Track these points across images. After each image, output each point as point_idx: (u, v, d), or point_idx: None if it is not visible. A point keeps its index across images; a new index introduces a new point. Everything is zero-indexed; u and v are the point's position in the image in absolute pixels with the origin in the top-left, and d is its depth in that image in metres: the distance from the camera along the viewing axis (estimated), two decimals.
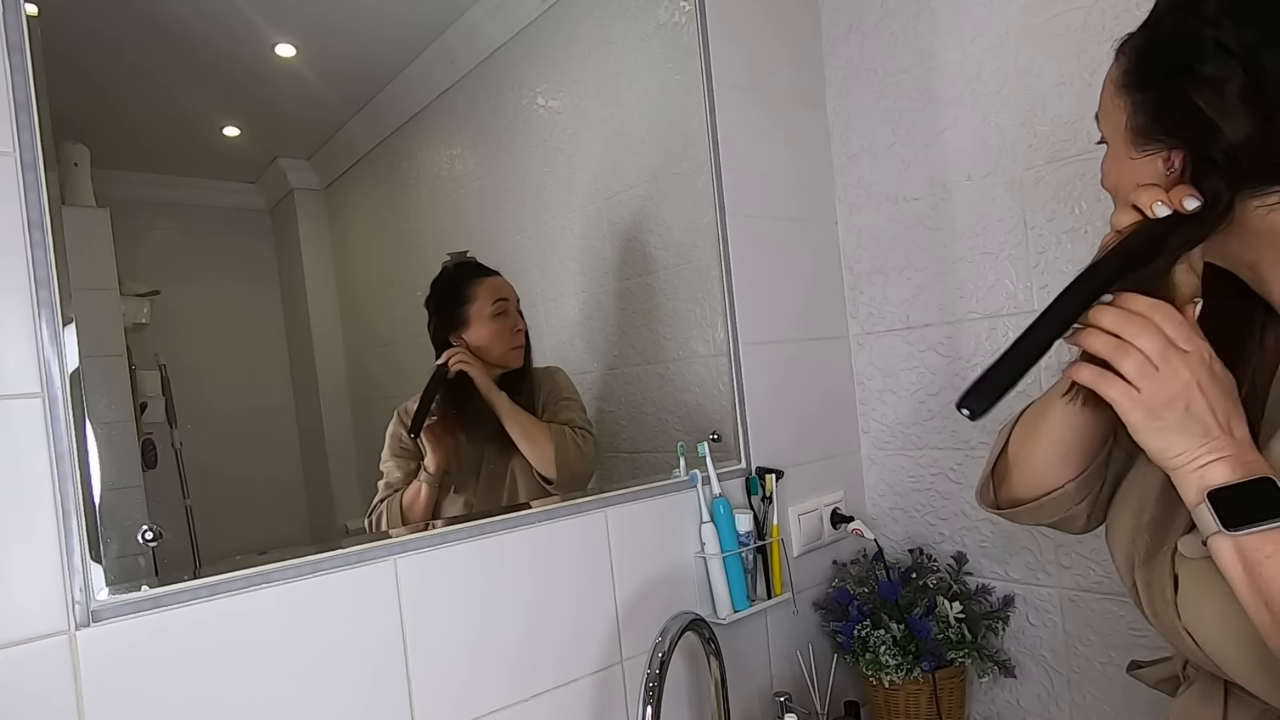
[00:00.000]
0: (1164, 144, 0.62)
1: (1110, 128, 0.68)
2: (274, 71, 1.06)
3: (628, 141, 1.33)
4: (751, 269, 1.29)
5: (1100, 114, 0.69)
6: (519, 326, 1.17)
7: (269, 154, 1.08)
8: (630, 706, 1.05)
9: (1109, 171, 0.69)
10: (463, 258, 1.17)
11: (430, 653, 0.89)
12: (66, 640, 0.67)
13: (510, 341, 1.16)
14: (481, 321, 1.14)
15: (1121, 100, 0.65)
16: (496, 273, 1.17)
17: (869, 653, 1.20)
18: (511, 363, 1.16)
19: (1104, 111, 0.69)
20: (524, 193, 1.29)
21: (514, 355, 1.17)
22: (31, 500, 0.66)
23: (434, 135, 1.23)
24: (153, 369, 0.92)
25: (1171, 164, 0.62)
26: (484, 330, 1.14)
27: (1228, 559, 0.54)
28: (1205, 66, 0.58)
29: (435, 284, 1.14)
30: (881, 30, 1.37)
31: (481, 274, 1.16)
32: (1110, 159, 0.69)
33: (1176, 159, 0.62)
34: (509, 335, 1.16)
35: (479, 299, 1.14)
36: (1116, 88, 0.66)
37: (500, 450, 1.13)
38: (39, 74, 0.69)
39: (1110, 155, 0.69)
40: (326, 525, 1.06)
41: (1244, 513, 0.54)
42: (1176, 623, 0.62)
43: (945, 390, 1.34)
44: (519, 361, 1.17)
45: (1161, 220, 0.60)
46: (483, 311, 1.14)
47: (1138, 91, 0.64)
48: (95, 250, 0.84)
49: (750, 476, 1.25)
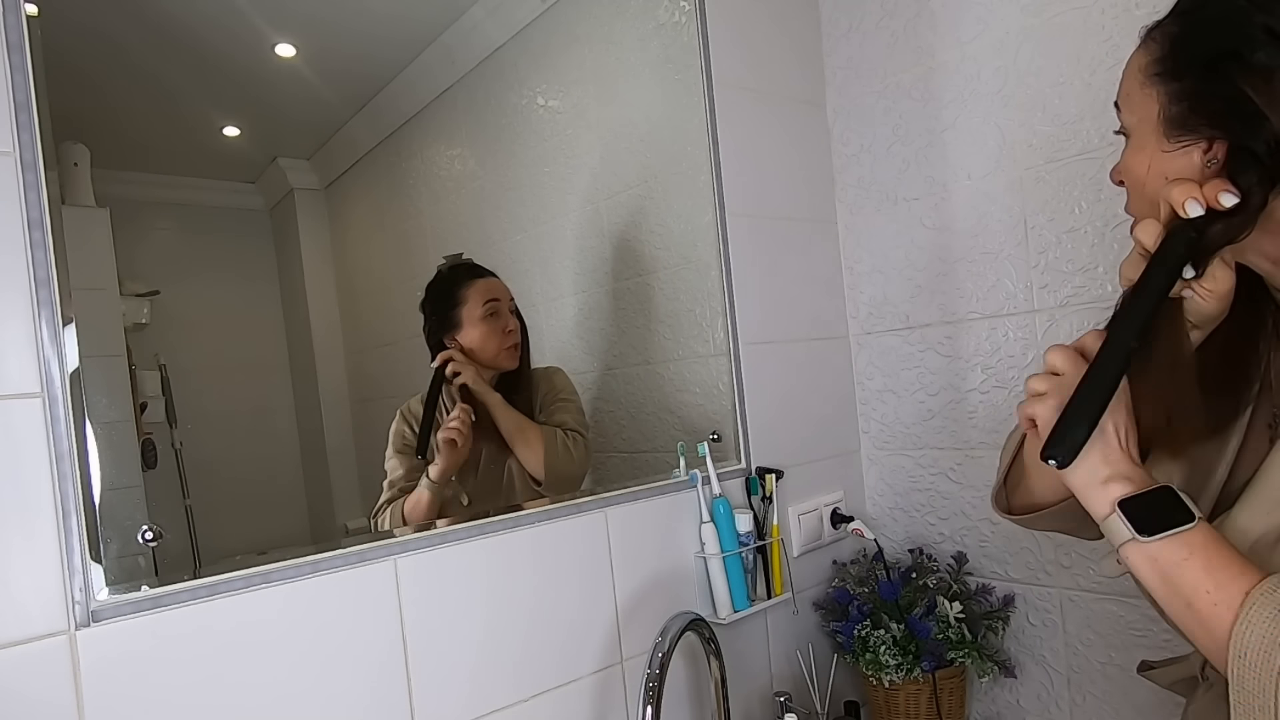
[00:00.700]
0: (1203, 134, 0.60)
1: (1137, 118, 0.65)
2: (274, 71, 1.06)
3: (627, 141, 1.33)
4: (751, 269, 1.29)
5: (1122, 103, 0.67)
6: (510, 327, 1.17)
7: (269, 154, 1.08)
8: (630, 706, 1.05)
9: (1132, 164, 0.66)
10: (458, 260, 1.17)
11: (430, 652, 0.89)
12: (66, 640, 0.67)
13: (503, 342, 1.16)
14: (473, 323, 1.14)
15: (1153, 89, 0.63)
16: (491, 273, 1.17)
17: (869, 653, 1.20)
18: (505, 364, 1.16)
19: (1128, 101, 0.66)
20: (524, 193, 1.29)
21: (507, 356, 1.16)
22: (31, 500, 0.66)
23: (434, 135, 1.23)
24: (153, 369, 0.92)
25: (1213, 155, 0.59)
26: (476, 332, 1.14)
27: (1144, 568, 0.55)
28: (1257, 54, 0.56)
29: (429, 287, 1.14)
30: (881, 30, 1.37)
31: (474, 275, 1.16)
32: (1134, 151, 0.66)
33: (1220, 149, 0.59)
34: (501, 336, 1.16)
35: (470, 300, 1.14)
36: (1146, 75, 0.63)
37: (498, 449, 1.13)
38: (39, 74, 0.69)
39: (1133, 147, 0.66)
40: (326, 525, 1.06)
41: (1155, 520, 0.55)
42: None
43: (945, 390, 1.34)
44: (513, 362, 1.17)
45: (1192, 221, 0.57)
46: (474, 313, 1.14)
47: (1174, 79, 0.61)
48: (95, 250, 0.84)
49: (750, 476, 1.25)
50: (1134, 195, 0.67)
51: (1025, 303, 1.22)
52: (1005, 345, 1.26)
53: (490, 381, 1.15)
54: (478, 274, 1.16)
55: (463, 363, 1.12)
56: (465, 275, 1.16)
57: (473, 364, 1.12)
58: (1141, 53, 0.65)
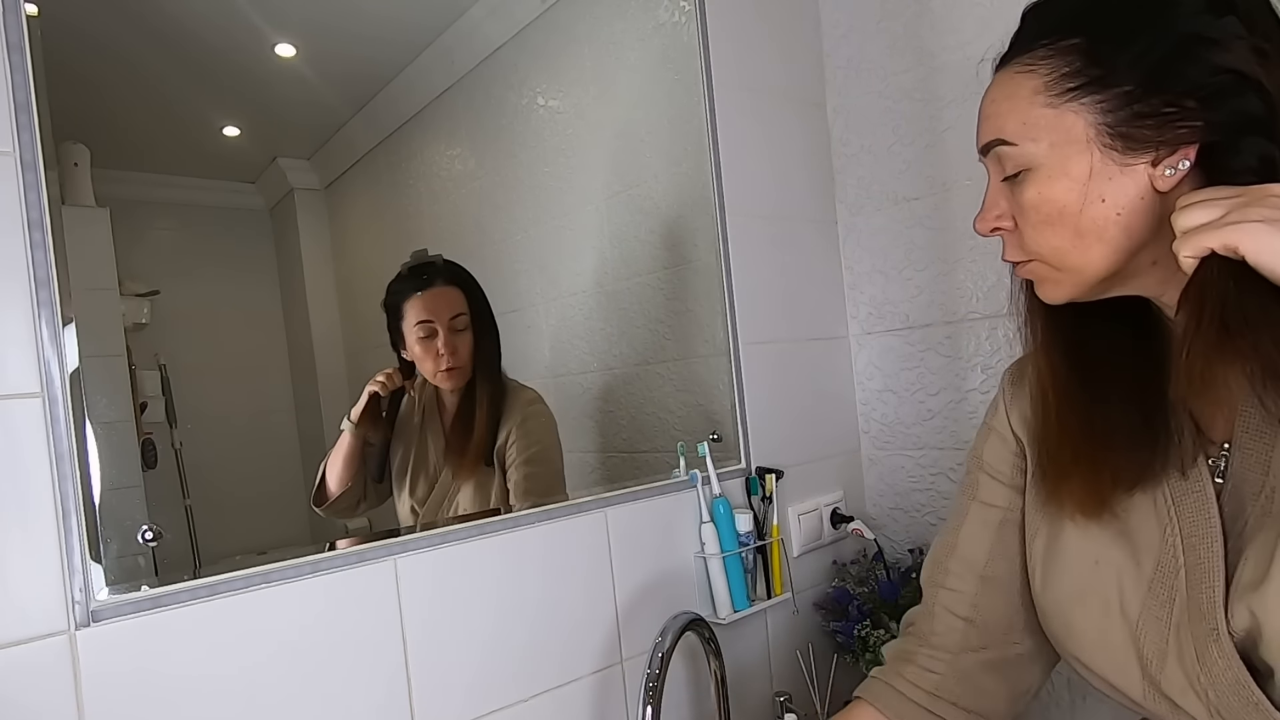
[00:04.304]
0: (1168, 141, 0.55)
1: (1048, 144, 0.59)
2: (274, 72, 1.06)
3: (627, 141, 1.33)
4: (751, 269, 1.29)
5: (1018, 134, 0.60)
6: (442, 352, 1.11)
7: (269, 154, 1.08)
8: (630, 706, 1.05)
9: (1052, 195, 0.59)
10: (423, 257, 1.12)
11: (430, 652, 0.89)
12: (66, 640, 0.67)
13: (436, 365, 1.11)
14: (413, 341, 1.11)
15: (1073, 105, 0.58)
16: (446, 282, 1.12)
17: (869, 653, 1.20)
18: (442, 384, 1.12)
19: (1030, 129, 0.59)
20: (524, 193, 1.29)
21: (443, 378, 1.12)
22: (31, 500, 0.66)
23: (434, 135, 1.23)
24: (153, 369, 0.92)
25: (1172, 166, 0.56)
26: (415, 350, 1.11)
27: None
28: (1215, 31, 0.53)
29: (386, 290, 1.11)
30: (881, 30, 1.37)
31: (417, 288, 1.11)
32: (1049, 179, 0.59)
33: (1189, 153, 0.55)
34: (434, 360, 1.11)
35: (407, 317, 1.10)
36: (1054, 95, 0.58)
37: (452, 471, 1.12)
38: (39, 74, 0.69)
39: (1045, 176, 0.59)
40: (326, 525, 1.05)
41: None
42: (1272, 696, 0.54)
43: (945, 390, 1.34)
44: (448, 384, 1.12)
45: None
46: (412, 333, 1.11)
47: (1106, 87, 0.56)
48: (95, 250, 0.84)
49: (750, 476, 1.25)
50: (1054, 227, 0.60)
51: None
52: (1005, 345, 1.25)
53: (454, 396, 1.13)
54: (422, 285, 1.11)
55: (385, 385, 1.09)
56: (410, 288, 1.11)
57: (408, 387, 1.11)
58: (1028, 77, 0.60)
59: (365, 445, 1.06)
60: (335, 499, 1.04)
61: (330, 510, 1.04)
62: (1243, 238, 0.47)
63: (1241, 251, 0.48)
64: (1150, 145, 0.56)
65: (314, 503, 1.03)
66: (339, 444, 1.04)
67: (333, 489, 1.04)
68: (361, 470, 1.06)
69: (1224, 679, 0.56)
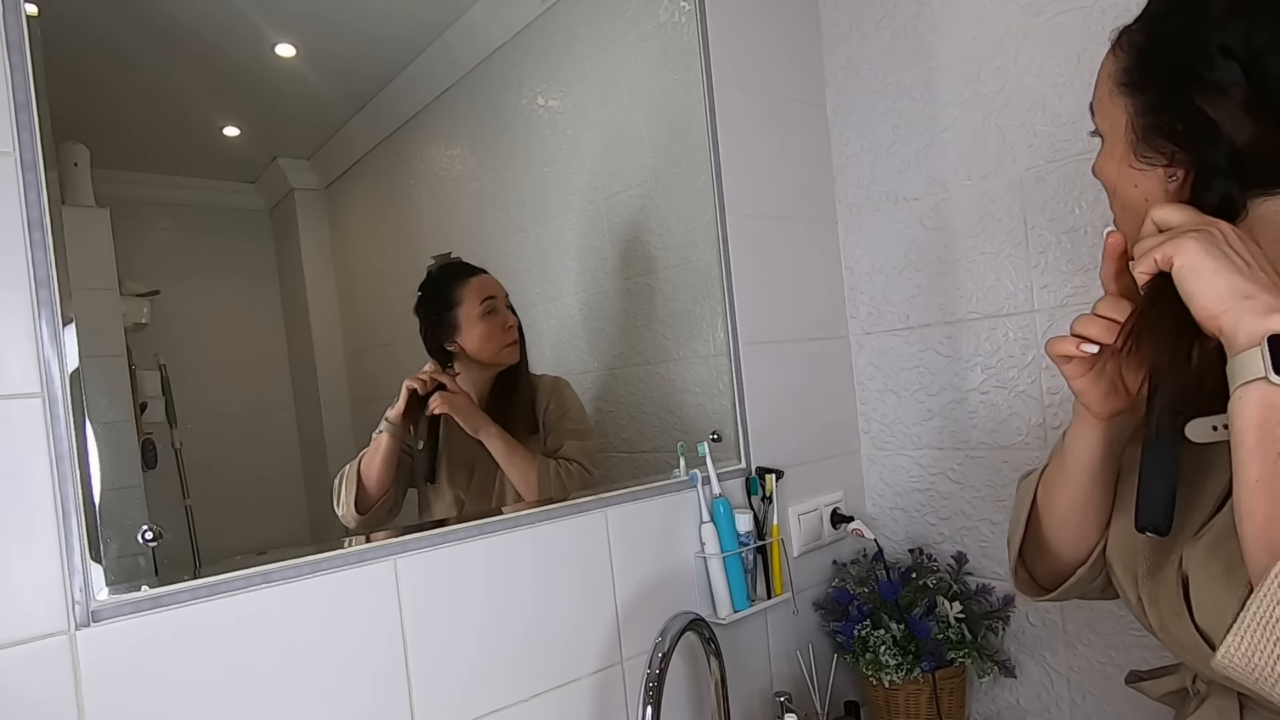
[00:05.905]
0: (1166, 154, 0.61)
1: (1109, 124, 0.66)
2: (274, 71, 1.05)
3: (628, 141, 1.33)
4: (751, 269, 1.29)
5: (1096, 107, 0.68)
6: (510, 323, 1.16)
7: (269, 154, 1.08)
8: (630, 706, 1.05)
9: (1105, 168, 0.67)
10: (447, 259, 1.15)
11: (430, 652, 0.89)
12: (66, 640, 0.67)
13: (503, 339, 1.15)
14: (472, 323, 1.13)
15: (1122, 99, 0.64)
16: (483, 270, 1.16)
17: (869, 653, 1.20)
18: (506, 360, 1.16)
19: (1101, 106, 0.67)
20: (524, 193, 1.29)
21: (508, 353, 1.16)
22: (31, 500, 0.66)
23: (434, 135, 1.23)
24: (153, 369, 0.92)
25: (1174, 174, 0.61)
26: (476, 332, 1.12)
27: (1252, 409, 0.51)
28: (1214, 72, 0.57)
29: (421, 289, 1.12)
30: (881, 30, 1.37)
31: (466, 274, 1.14)
32: (1106, 156, 0.67)
33: (1179, 171, 0.60)
34: (501, 333, 1.15)
35: (466, 301, 1.13)
36: (1115, 84, 0.65)
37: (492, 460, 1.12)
38: (39, 74, 0.69)
39: (1107, 153, 0.67)
40: (326, 525, 1.05)
41: None
42: (1190, 632, 0.60)
43: (945, 390, 1.34)
44: (514, 358, 1.16)
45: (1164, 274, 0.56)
46: (472, 313, 1.13)
47: (1140, 93, 0.62)
48: (95, 250, 0.84)
49: (750, 476, 1.25)
50: (1109, 195, 0.68)
51: (1025, 303, 1.22)
52: (1005, 345, 1.26)
53: (488, 383, 1.14)
54: (470, 272, 1.15)
55: (453, 395, 1.10)
56: (458, 275, 1.14)
57: (463, 395, 1.10)
58: (1111, 59, 0.65)
59: (404, 447, 1.05)
60: (378, 504, 1.01)
61: (371, 518, 1.01)
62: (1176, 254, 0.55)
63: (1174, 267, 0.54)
64: (1164, 156, 0.62)
65: (357, 509, 1.00)
66: (376, 446, 1.03)
67: (374, 493, 1.01)
68: (398, 473, 1.04)
69: (1164, 597, 0.63)
